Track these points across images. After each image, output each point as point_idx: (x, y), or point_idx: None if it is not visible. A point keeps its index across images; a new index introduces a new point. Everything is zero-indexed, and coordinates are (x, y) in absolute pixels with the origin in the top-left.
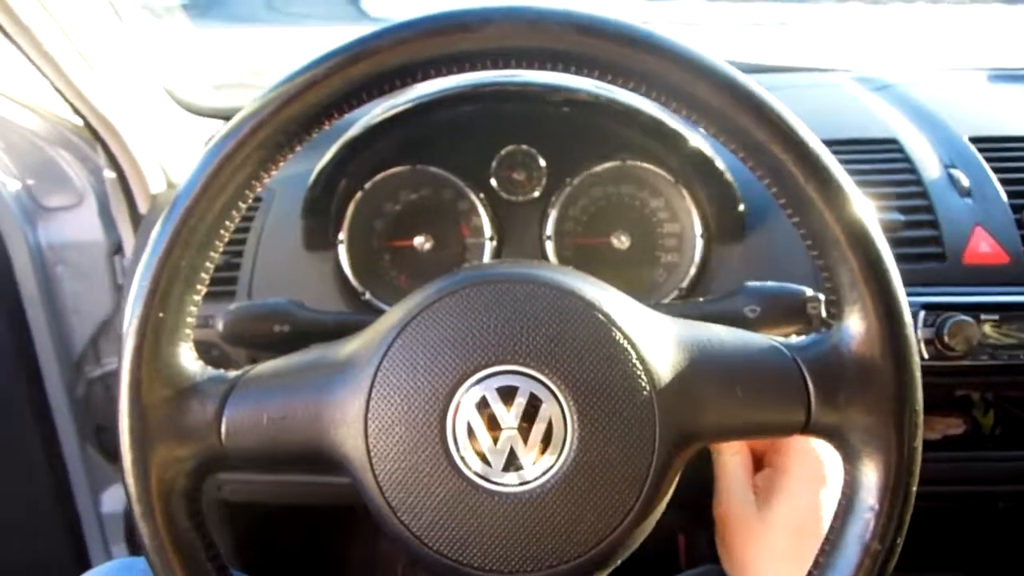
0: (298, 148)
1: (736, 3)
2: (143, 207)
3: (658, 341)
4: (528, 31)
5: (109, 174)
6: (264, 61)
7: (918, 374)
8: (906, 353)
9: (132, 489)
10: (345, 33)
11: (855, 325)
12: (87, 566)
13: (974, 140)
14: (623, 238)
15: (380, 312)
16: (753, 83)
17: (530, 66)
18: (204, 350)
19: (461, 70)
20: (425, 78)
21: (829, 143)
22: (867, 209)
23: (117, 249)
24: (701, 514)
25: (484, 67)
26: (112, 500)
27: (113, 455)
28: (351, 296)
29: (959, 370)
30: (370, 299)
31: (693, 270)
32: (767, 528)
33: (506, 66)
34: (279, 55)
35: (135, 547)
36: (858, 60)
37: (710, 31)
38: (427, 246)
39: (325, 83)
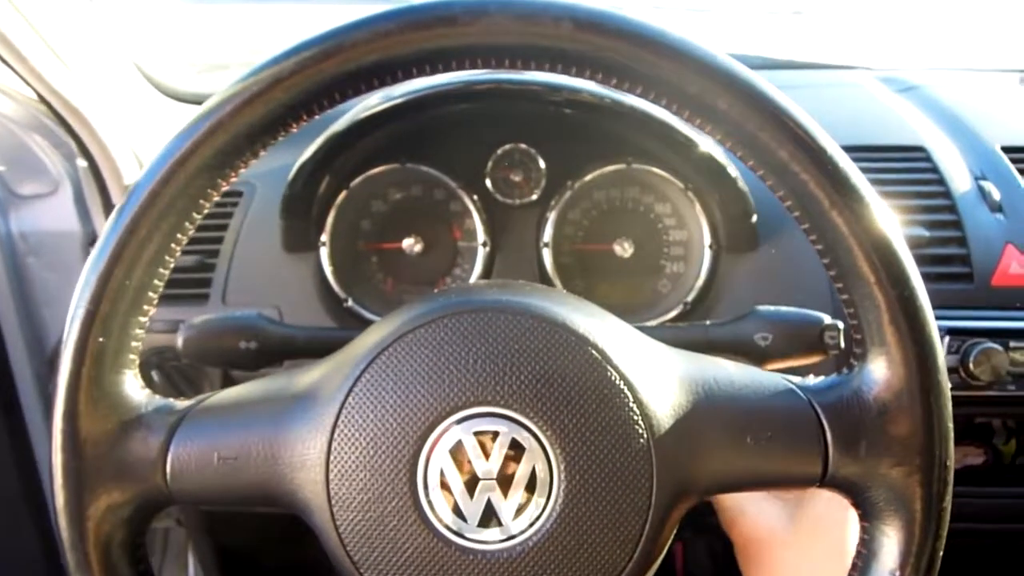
0: (262, 152)
1: None
2: (117, 198)
3: (658, 380)
4: (523, 27)
5: (81, 162)
6: (256, 40)
7: (950, 425)
8: (939, 404)
9: (65, 535)
10: (352, 11)
11: (881, 368)
12: (58, 568)
13: (1007, 150)
14: (626, 245)
15: (363, 321)
16: (778, 93)
17: (526, 66)
18: (172, 356)
19: (447, 69)
20: (406, 77)
21: (849, 149)
22: (901, 242)
23: (93, 240)
24: (698, 522)
25: (473, 66)
26: None
27: None
28: (332, 302)
29: (983, 400)
30: (352, 306)
31: (700, 282)
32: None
33: (499, 66)
34: (275, 34)
35: None
36: (879, 56)
37: (720, 20)
38: (416, 249)
39: (292, 81)
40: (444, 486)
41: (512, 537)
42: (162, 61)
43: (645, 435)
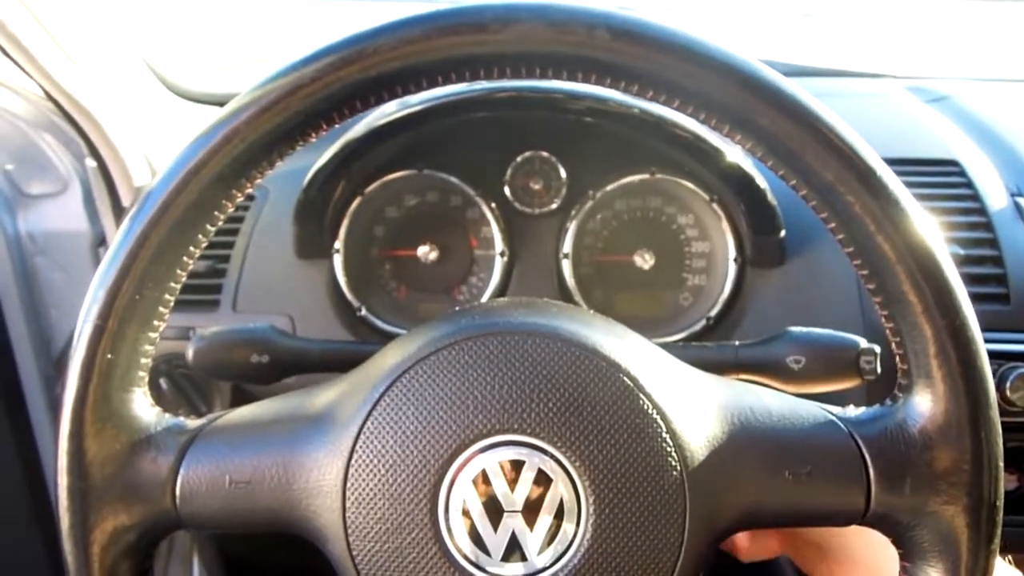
0: (278, 162)
1: None
2: (126, 200)
3: (692, 410)
4: (556, 35)
5: (90, 163)
6: (270, 39)
7: (1001, 463)
8: (989, 440)
9: (71, 559)
10: (380, 11)
11: (927, 401)
12: (61, 572)
13: None
14: (647, 257)
15: (377, 330)
16: (825, 110)
17: (557, 76)
18: (183, 364)
19: (475, 78)
20: (431, 86)
21: None
22: (952, 268)
23: (101, 241)
24: None
25: (502, 75)
26: None
27: None
28: (345, 310)
29: (1018, 426)
30: (366, 315)
31: (724, 297)
32: None
33: (529, 75)
34: (290, 32)
35: None
36: (901, 63)
37: (729, 22)
38: (431, 257)
39: (313, 88)
40: (466, 516)
41: (537, 572)
42: (173, 59)
43: (679, 467)
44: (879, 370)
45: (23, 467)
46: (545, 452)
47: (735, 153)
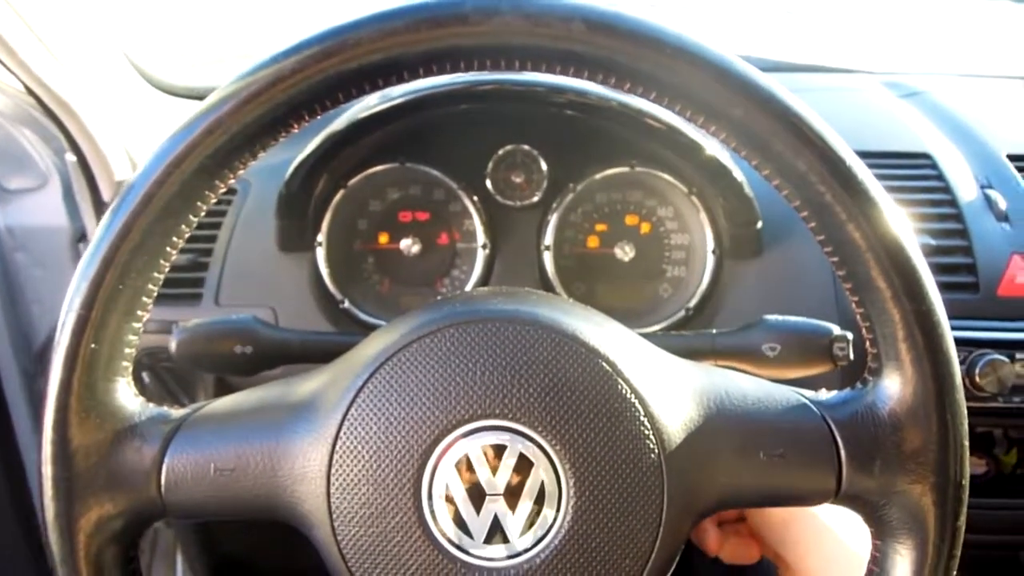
0: (260, 153)
1: None
2: (107, 194)
3: (670, 394)
4: (534, 27)
5: (70, 157)
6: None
7: (966, 443)
8: (955, 421)
9: (55, 549)
10: (362, 4)
11: (896, 383)
12: (42, 565)
13: (1013, 158)
14: (627, 249)
15: (359, 323)
16: (797, 101)
17: (536, 68)
18: (165, 357)
19: (455, 70)
20: (412, 78)
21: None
22: (919, 255)
23: (82, 236)
24: None
25: (483, 67)
26: None
27: None
28: (328, 303)
29: (987, 411)
30: (349, 307)
31: (702, 288)
32: None
33: (508, 67)
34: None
35: None
36: (876, 59)
37: (711, 17)
38: (414, 250)
39: (295, 79)
40: (449, 500)
41: (519, 553)
42: (154, 54)
43: (656, 449)
44: (852, 356)
45: (2, 462)
46: (526, 436)
47: (713, 146)
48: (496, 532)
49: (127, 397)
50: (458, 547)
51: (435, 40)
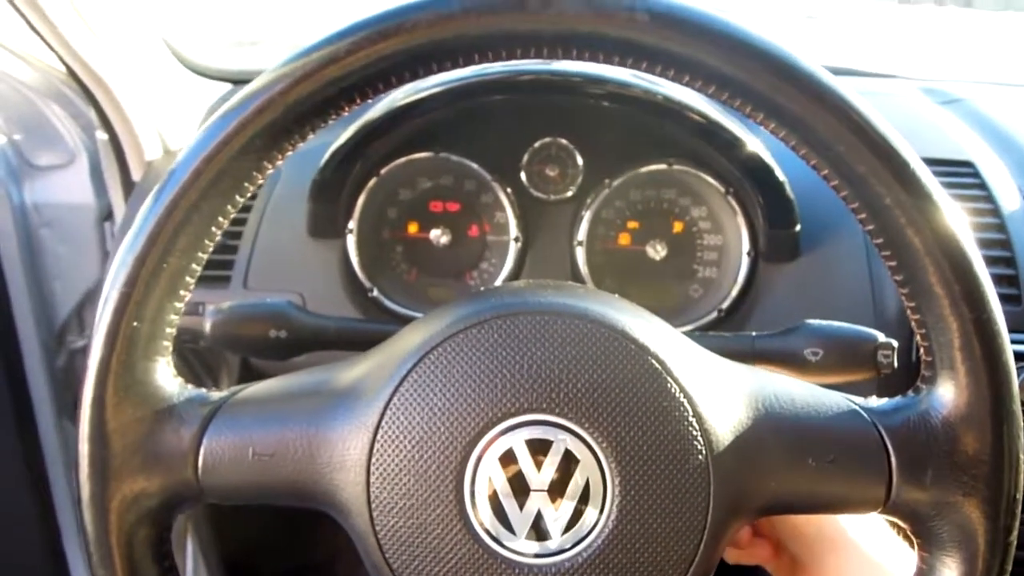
0: (310, 135)
1: None
2: (136, 174)
3: (718, 395)
4: (597, 15)
5: (101, 135)
6: (288, 17)
7: (1022, 456)
8: (1011, 433)
9: (90, 528)
10: None
11: (951, 393)
12: (61, 559)
13: None
14: (659, 247)
15: (387, 312)
16: (860, 100)
17: (593, 58)
18: (190, 339)
19: (511, 57)
20: (467, 63)
21: None
22: (980, 262)
23: (108, 215)
24: None
25: (540, 55)
26: None
27: None
28: (357, 291)
29: None
30: (377, 296)
31: (736, 290)
32: None
33: (567, 56)
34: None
35: None
36: (913, 65)
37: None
38: (443, 240)
39: (348, 61)
40: (492, 495)
41: (561, 551)
42: (190, 36)
43: (704, 451)
44: (896, 364)
45: (21, 443)
46: (573, 433)
47: (755, 143)
48: (539, 529)
49: (166, 378)
50: (498, 542)
51: (491, 26)
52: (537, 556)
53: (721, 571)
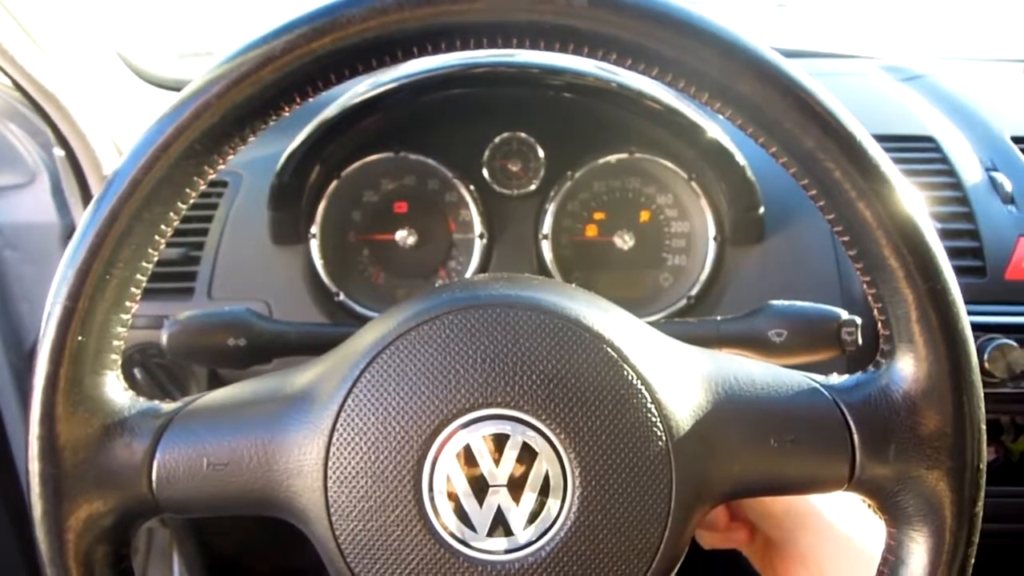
0: (251, 137)
1: None
2: (96, 189)
3: (677, 380)
4: (534, 3)
5: (58, 152)
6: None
7: (983, 427)
8: (971, 404)
9: (44, 548)
10: None
11: (910, 365)
12: (34, 563)
13: (1017, 140)
14: (626, 237)
15: (355, 316)
16: (805, 76)
17: (534, 46)
18: (156, 353)
19: (451, 49)
20: (407, 57)
21: None
22: (932, 233)
23: (71, 232)
24: None
25: (479, 46)
26: None
27: None
28: (323, 296)
29: (995, 397)
30: (344, 300)
31: (704, 276)
32: None
33: (506, 45)
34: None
35: None
36: (872, 47)
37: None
38: (410, 241)
39: (284, 60)
40: (450, 493)
41: (523, 547)
42: (143, 47)
43: (664, 437)
44: (860, 341)
45: None
46: (529, 425)
47: (714, 129)
48: (499, 525)
49: (116, 391)
50: (460, 541)
51: (430, 17)
52: (499, 552)
53: (699, 556)
